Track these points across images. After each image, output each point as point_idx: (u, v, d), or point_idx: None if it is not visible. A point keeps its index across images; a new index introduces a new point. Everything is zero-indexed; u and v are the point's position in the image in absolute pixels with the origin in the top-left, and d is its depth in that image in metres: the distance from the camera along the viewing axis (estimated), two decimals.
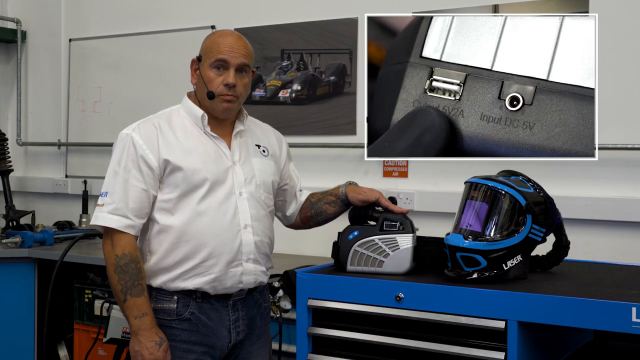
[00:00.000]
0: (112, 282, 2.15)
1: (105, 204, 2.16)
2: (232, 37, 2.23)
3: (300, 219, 2.48)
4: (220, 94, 2.19)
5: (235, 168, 2.24)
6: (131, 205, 2.15)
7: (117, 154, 2.19)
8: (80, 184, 4.62)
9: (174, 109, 2.30)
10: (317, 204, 2.43)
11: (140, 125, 2.21)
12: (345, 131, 3.79)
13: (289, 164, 2.48)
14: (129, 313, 2.13)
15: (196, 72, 2.25)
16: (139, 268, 2.14)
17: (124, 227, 2.14)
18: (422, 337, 1.94)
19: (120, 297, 2.14)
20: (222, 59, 2.19)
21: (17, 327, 3.94)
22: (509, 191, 1.99)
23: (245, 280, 2.24)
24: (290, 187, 2.47)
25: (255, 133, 2.38)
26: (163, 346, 2.13)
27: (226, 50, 2.19)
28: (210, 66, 2.20)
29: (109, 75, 4.67)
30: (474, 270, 1.97)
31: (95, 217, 2.17)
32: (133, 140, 2.17)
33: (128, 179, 2.15)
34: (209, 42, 2.24)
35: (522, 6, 3.26)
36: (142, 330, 2.12)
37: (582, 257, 2.48)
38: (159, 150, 2.17)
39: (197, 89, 2.26)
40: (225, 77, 2.19)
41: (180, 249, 2.17)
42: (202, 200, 2.17)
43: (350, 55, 3.78)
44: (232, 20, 4.10)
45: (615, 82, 3.08)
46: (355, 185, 2.37)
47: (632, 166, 3.13)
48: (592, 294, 1.80)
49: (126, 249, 2.14)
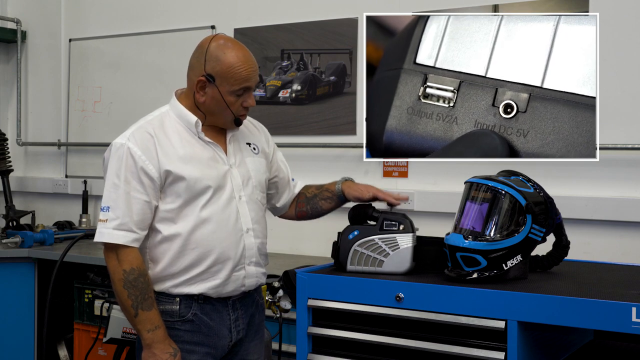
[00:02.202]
0: (121, 297, 2.10)
1: (109, 220, 2.10)
2: (244, 57, 2.14)
3: (295, 214, 2.48)
4: (238, 115, 2.19)
5: (233, 171, 2.23)
6: (135, 219, 2.10)
7: (115, 165, 2.12)
8: (80, 184, 4.62)
9: (164, 112, 2.23)
10: (313, 199, 2.43)
11: (135, 133, 2.14)
12: (345, 131, 3.79)
13: (276, 154, 2.46)
14: (141, 327, 2.10)
15: (203, 91, 2.16)
16: (147, 281, 2.11)
17: (131, 241, 2.10)
18: (422, 337, 1.94)
19: (131, 312, 2.10)
20: (248, 87, 2.15)
21: (17, 327, 3.94)
22: (509, 191, 1.99)
23: (247, 283, 2.23)
24: (281, 179, 2.45)
25: (244, 131, 2.34)
26: (177, 357, 2.12)
27: (249, 76, 2.14)
28: (232, 92, 2.14)
29: (108, 75, 4.67)
30: (474, 270, 1.97)
31: (100, 234, 2.11)
32: (130, 151, 2.11)
33: (129, 191, 2.10)
34: (226, 67, 2.12)
35: (522, 6, 3.26)
36: (155, 343, 2.10)
37: (582, 257, 2.48)
38: (158, 161, 2.12)
39: (207, 107, 2.18)
40: (246, 99, 2.17)
41: (186, 256, 2.15)
42: (204, 207, 2.15)
43: (350, 55, 3.78)
44: (232, 20, 4.10)
45: (616, 83, 3.08)
46: (351, 182, 2.37)
47: (632, 166, 3.13)
48: (592, 294, 1.80)
49: (134, 264, 2.10)
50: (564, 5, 3.19)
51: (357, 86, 3.75)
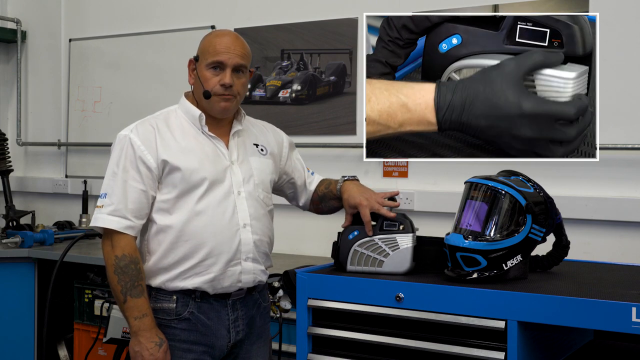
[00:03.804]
0: (112, 283, 2.15)
1: (105, 205, 2.16)
2: (228, 38, 2.23)
3: (314, 209, 2.52)
4: (216, 94, 2.20)
5: (234, 168, 2.25)
6: (130, 207, 2.15)
7: (116, 155, 2.19)
8: (80, 184, 4.62)
9: (172, 109, 2.31)
10: (324, 198, 2.45)
11: (138, 126, 2.22)
12: (345, 131, 3.79)
13: (292, 154, 2.49)
14: (129, 314, 2.14)
15: (193, 72, 2.25)
16: (138, 269, 2.15)
17: (124, 228, 2.14)
18: (422, 337, 1.94)
19: (120, 298, 2.14)
20: (218, 61, 2.19)
21: (17, 327, 3.94)
22: (509, 191, 1.99)
23: (244, 280, 2.24)
24: (298, 178, 2.48)
25: (253, 132, 2.38)
26: (163, 347, 2.13)
27: (222, 51, 2.19)
28: (206, 67, 2.20)
29: (108, 75, 4.67)
30: (474, 270, 1.97)
31: (95, 219, 2.17)
32: (131, 142, 2.17)
33: (127, 180, 2.16)
34: (206, 43, 2.24)
35: (522, 6, 3.26)
36: (142, 331, 2.12)
37: (582, 257, 2.48)
38: (157, 151, 2.17)
39: (195, 88, 2.27)
40: (222, 77, 2.19)
41: (179, 248, 2.17)
42: (200, 199, 2.18)
43: (350, 55, 3.78)
44: (232, 20, 4.10)
45: (616, 82, 3.08)
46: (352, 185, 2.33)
47: (632, 166, 3.13)
48: (592, 294, 1.80)
49: (126, 250, 2.14)
50: (564, 5, 3.19)
51: (357, 86, 3.75)
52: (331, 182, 2.45)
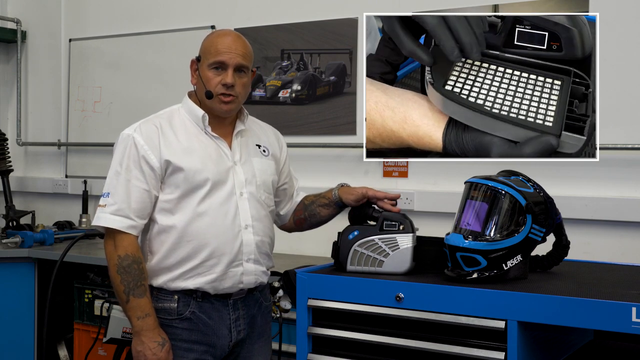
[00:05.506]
0: (115, 282, 2.15)
1: (108, 205, 2.16)
2: (230, 38, 2.23)
3: (293, 221, 2.49)
4: (218, 94, 2.20)
5: (236, 168, 2.25)
6: (133, 206, 2.15)
7: (119, 154, 2.19)
8: (80, 184, 4.62)
9: (175, 108, 2.31)
10: (310, 206, 2.44)
11: (142, 125, 2.21)
12: (345, 131, 3.79)
13: (287, 163, 2.49)
14: (131, 314, 2.13)
15: (196, 73, 2.25)
16: (141, 269, 2.14)
17: (127, 227, 2.14)
18: (422, 337, 1.94)
19: (122, 298, 2.14)
20: (220, 61, 2.19)
21: (17, 327, 3.94)
22: (509, 191, 1.99)
23: (246, 280, 2.24)
24: (289, 187, 2.48)
25: (256, 132, 2.38)
26: (165, 347, 2.13)
27: (224, 51, 2.19)
28: (208, 67, 2.20)
29: (108, 75, 4.67)
30: (474, 270, 1.97)
31: (97, 218, 2.17)
32: (134, 141, 2.17)
33: (130, 179, 2.15)
34: (207, 43, 2.24)
35: (522, 6, 3.26)
36: (144, 330, 2.12)
37: (582, 257, 2.48)
38: (160, 151, 2.17)
39: (197, 89, 2.27)
40: (224, 77, 2.19)
41: (181, 249, 2.17)
42: (202, 200, 2.18)
43: (350, 55, 3.78)
44: (232, 20, 4.10)
45: (616, 82, 3.08)
46: (347, 187, 2.37)
47: (632, 166, 3.13)
48: (592, 294, 1.80)
49: (129, 250, 2.14)
50: (564, 5, 3.19)
51: (357, 86, 3.75)
52: (320, 193, 2.44)
